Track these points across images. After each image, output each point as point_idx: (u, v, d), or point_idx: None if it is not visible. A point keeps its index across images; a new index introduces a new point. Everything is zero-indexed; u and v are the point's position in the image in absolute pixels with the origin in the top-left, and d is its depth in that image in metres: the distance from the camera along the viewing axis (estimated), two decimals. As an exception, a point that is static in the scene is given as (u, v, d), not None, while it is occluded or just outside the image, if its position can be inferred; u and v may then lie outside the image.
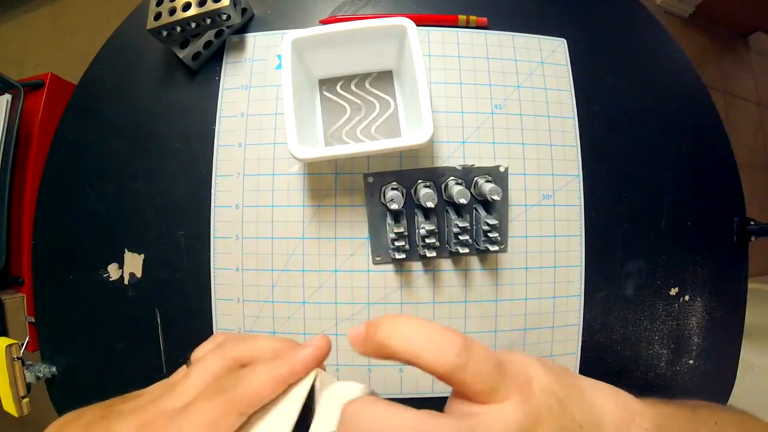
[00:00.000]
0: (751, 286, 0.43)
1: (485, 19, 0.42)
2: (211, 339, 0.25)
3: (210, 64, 0.42)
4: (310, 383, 0.20)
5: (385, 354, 0.18)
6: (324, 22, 0.42)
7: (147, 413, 0.19)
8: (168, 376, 0.23)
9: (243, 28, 0.43)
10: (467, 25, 0.42)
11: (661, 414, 0.20)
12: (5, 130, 0.69)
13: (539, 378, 0.19)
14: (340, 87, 0.40)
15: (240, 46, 0.42)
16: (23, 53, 1.32)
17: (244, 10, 0.42)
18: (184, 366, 0.23)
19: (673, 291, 0.41)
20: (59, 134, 0.44)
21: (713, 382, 0.42)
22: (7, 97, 0.71)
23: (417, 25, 0.34)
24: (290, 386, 0.20)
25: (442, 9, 0.43)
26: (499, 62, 0.42)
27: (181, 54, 0.40)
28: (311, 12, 0.43)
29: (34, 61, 1.30)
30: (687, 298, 0.42)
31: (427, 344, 0.17)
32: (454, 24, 0.42)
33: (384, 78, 0.40)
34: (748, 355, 0.80)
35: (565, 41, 0.43)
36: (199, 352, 0.24)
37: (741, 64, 1.45)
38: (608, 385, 0.21)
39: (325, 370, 0.22)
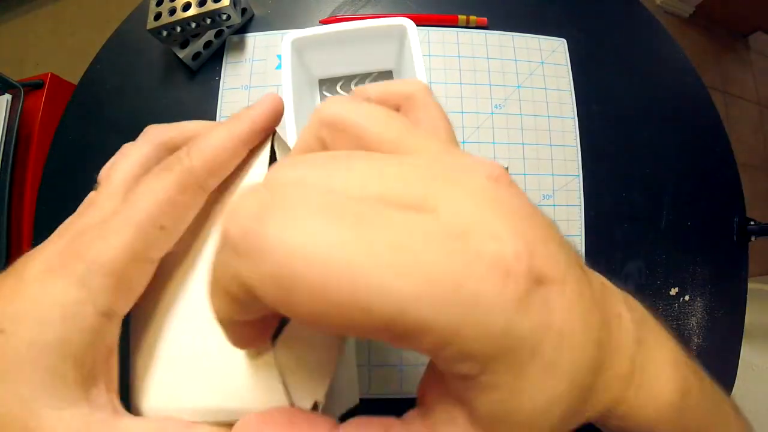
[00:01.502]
0: (751, 286, 0.43)
1: (485, 19, 0.42)
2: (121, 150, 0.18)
3: (210, 64, 0.42)
4: (269, 148, 0.17)
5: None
6: (324, 22, 0.42)
7: (68, 232, 0.14)
8: None
9: (243, 28, 0.43)
10: (467, 25, 0.42)
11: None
12: (5, 130, 0.69)
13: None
14: (340, 87, 0.40)
15: (240, 46, 0.42)
16: (23, 53, 1.32)
17: (244, 10, 0.42)
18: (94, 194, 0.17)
19: (673, 291, 0.41)
20: (59, 134, 0.44)
21: (713, 382, 0.42)
22: (7, 97, 0.71)
23: (417, 25, 0.34)
24: (249, 156, 0.16)
25: (442, 9, 0.43)
26: (499, 62, 0.42)
27: (181, 54, 0.40)
28: (311, 12, 0.43)
29: (34, 61, 1.30)
30: (687, 298, 0.42)
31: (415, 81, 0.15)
32: (454, 24, 0.42)
33: (384, 78, 0.40)
34: (748, 355, 0.80)
35: (565, 41, 0.43)
36: (123, 167, 0.17)
37: (741, 64, 1.45)
38: None
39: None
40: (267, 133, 0.16)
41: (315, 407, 0.13)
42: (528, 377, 0.09)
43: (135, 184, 0.15)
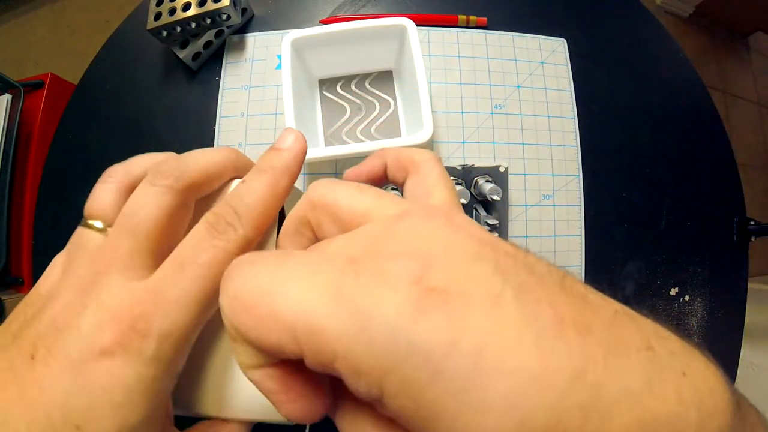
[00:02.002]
0: (751, 286, 0.43)
1: (485, 19, 0.42)
2: (108, 173, 0.17)
3: (210, 64, 0.42)
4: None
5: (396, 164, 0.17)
6: (324, 22, 0.42)
7: (94, 291, 0.13)
8: None
9: (243, 28, 0.43)
10: (467, 25, 0.42)
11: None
12: (5, 130, 0.69)
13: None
14: (340, 87, 0.40)
15: (240, 46, 0.42)
16: (23, 53, 1.32)
17: (244, 10, 0.42)
18: (82, 229, 0.16)
19: (673, 291, 0.41)
20: (59, 134, 0.44)
21: (713, 382, 0.42)
22: (7, 97, 0.71)
23: (417, 25, 0.34)
24: None
25: (442, 9, 0.43)
26: (499, 62, 0.42)
27: (181, 54, 0.40)
28: (311, 12, 0.43)
29: (34, 61, 1.30)
30: (687, 298, 0.42)
31: (413, 151, 0.17)
32: (454, 24, 0.42)
33: (384, 78, 0.40)
34: (748, 355, 0.80)
35: (565, 41, 0.43)
36: (102, 195, 0.16)
37: (741, 64, 1.45)
38: None
39: None
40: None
41: None
42: (433, 404, 0.08)
43: (167, 239, 0.14)
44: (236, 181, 0.18)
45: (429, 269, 0.09)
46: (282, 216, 0.17)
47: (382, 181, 0.19)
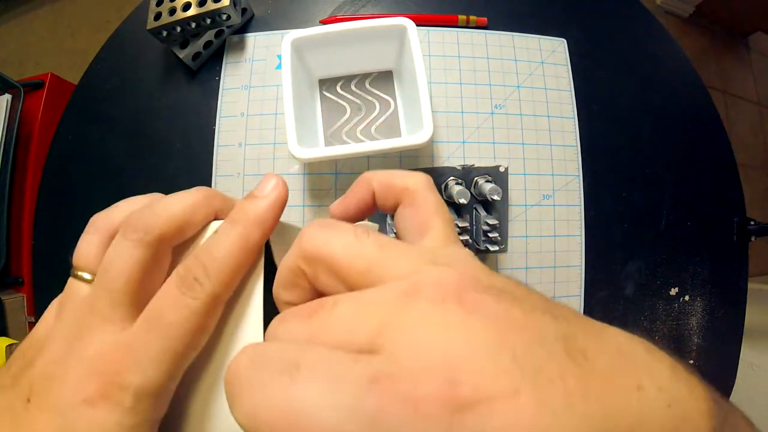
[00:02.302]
0: (751, 286, 0.43)
1: (485, 19, 0.42)
2: (92, 223, 0.17)
3: (210, 64, 0.42)
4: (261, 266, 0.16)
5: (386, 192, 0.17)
6: (324, 22, 0.42)
7: (80, 346, 0.14)
8: None
9: (243, 28, 0.43)
10: (467, 25, 0.42)
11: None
12: (5, 130, 0.69)
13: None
14: (340, 87, 0.40)
15: (240, 46, 0.42)
16: (23, 53, 1.32)
17: (244, 10, 0.42)
18: (72, 279, 0.16)
19: (673, 291, 0.41)
20: (59, 134, 0.44)
21: (713, 382, 0.42)
22: (7, 97, 0.71)
23: (417, 25, 0.34)
24: None
25: (442, 9, 0.43)
26: (499, 62, 0.42)
27: (181, 54, 0.40)
28: (311, 12, 0.43)
29: (34, 61, 1.30)
30: (687, 298, 0.42)
31: (406, 174, 0.16)
32: (454, 24, 0.42)
33: (384, 78, 0.40)
34: (748, 355, 0.80)
35: (565, 41, 0.43)
36: (86, 247, 0.16)
37: (741, 64, 1.45)
38: None
39: None
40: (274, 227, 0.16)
41: None
42: None
43: (141, 294, 0.15)
44: (215, 224, 0.17)
45: (456, 386, 0.09)
46: (268, 249, 0.16)
47: (372, 211, 0.18)
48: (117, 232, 0.15)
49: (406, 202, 0.16)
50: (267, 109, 0.40)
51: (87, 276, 0.16)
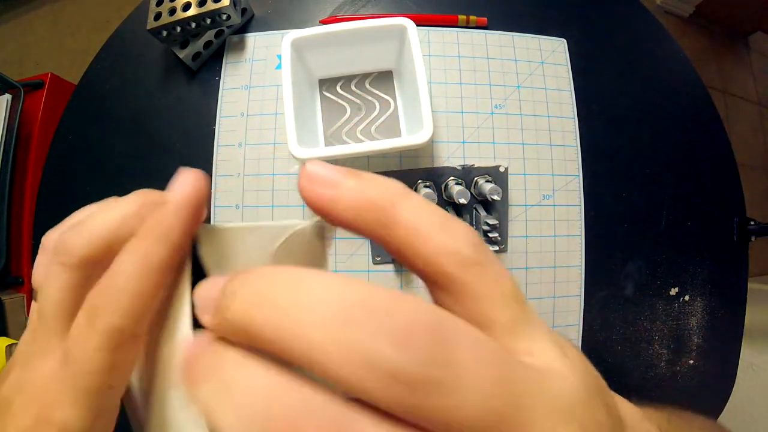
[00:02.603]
0: (751, 286, 0.43)
1: (485, 19, 0.42)
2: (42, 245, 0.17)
3: (210, 64, 0.42)
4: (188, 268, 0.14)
5: (381, 220, 0.10)
6: (324, 22, 0.42)
7: (25, 376, 0.14)
8: None
9: (243, 28, 0.43)
10: (467, 25, 0.42)
11: (658, 417, 0.19)
12: (5, 130, 0.69)
13: (571, 347, 0.12)
14: (340, 87, 0.40)
15: (240, 46, 0.42)
16: (23, 53, 1.32)
17: (244, 10, 0.42)
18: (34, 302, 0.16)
19: (673, 291, 0.41)
20: (59, 134, 0.44)
21: (713, 382, 0.42)
22: (7, 97, 0.71)
23: (417, 25, 0.34)
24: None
25: (442, 9, 0.43)
26: (499, 62, 0.42)
27: (181, 54, 0.40)
28: (311, 12, 0.43)
29: (34, 61, 1.30)
30: (687, 298, 0.42)
31: (439, 225, 0.10)
32: (454, 24, 0.42)
33: (384, 78, 0.40)
34: (748, 355, 0.80)
35: (565, 41, 0.43)
36: (36, 267, 0.16)
37: (741, 64, 1.45)
38: None
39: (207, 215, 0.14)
40: (189, 240, 0.13)
41: None
42: None
43: (67, 319, 0.14)
44: None
45: None
46: (195, 255, 0.13)
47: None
48: None
49: (441, 287, 0.11)
50: (267, 109, 0.40)
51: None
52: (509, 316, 0.11)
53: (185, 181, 0.13)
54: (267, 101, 0.41)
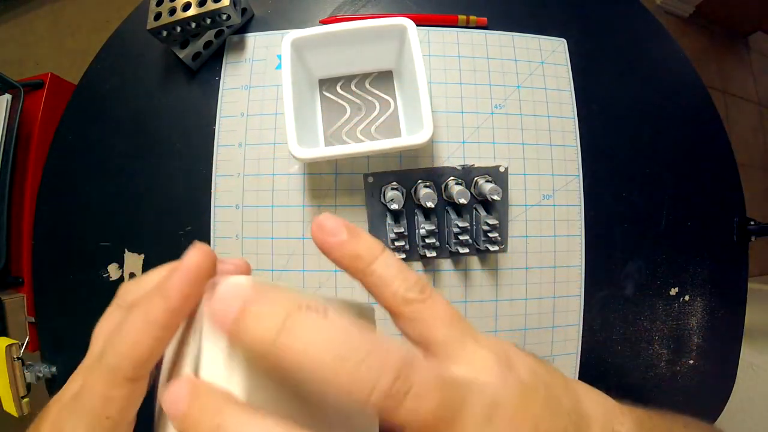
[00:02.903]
0: (751, 286, 0.43)
1: (485, 19, 0.42)
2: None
3: (210, 64, 0.42)
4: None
5: (362, 269, 0.16)
6: (324, 22, 0.42)
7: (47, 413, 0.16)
8: None
9: (243, 28, 0.43)
10: (467, 25, 0.42)
11: (639, 413, 0.19)
12: (5, 130, 0.69)
13: (518, 354, 0.16)
14: (340, 87, 0.40)
15: (240, 46, 0.42)
16: (23, 53, 1.32)
17: (244, 10, 0.42)
18: None
19: (673, 291, 0.41)
20: (59, 134, 0.44)
21: (713, 382, 0.42)
22: (7, 97, 0.71)
23: (417, 25, 0.34)
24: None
25: (442, 9, 0.43)
26: (499, 62, 0.42)
27: (181, 54, 0.40)
28: (311, 12, 0.43)
29: (34, 61, 1.30)
30: (687, 298, 0.42)
31: (398, 277, 0.15)
32: (454, 24, 0.42)
33: (384, 78, 0.40)
34: (748, 355, 0.80)
35: (565, 41, 0.43)
36: (105, 323, 0.19)
37: (741, 64, 1.45)
38: (582, 382, 0.19)
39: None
40: (194, 303, 0.15)
41: None
42: None
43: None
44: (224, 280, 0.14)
45: None
46: None
47: None
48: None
49: (397, 317, 0.16)
50: (267, 109, 0.40)
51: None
52: (445, 336, 0.15)
53: (190, 255, 0.15)
54: (267, 101, 0.41)
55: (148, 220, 0.40)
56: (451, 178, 0.38)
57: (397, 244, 0.36)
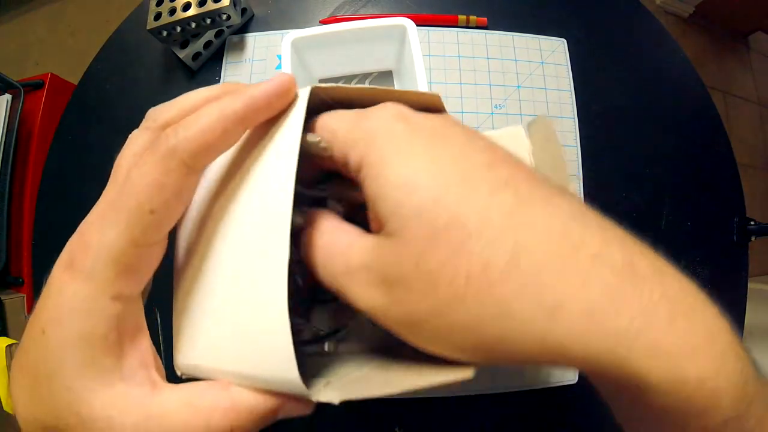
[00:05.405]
0: (751, 286, 0.43)
1: (485, 19, 0.42)
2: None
3: (210, 64, 0.42)
4: (305, 103, 0.15)
5: None
6: (324, 22, 0.42)
7: (83, 223, 0.15)
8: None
9: (243, 28, 0.43)
10: (467, 25, 0.42)
11: None
12: (5, 130, 0.69)
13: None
14: (340, 87, 0.40)
15: (240, 46, 0.42)
16: (23, 53, 1.32)
17: (244, 10, 0.42)
18: None
19: (673, 291, 0.41)
20: (59, 134, 0.44)
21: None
22: (7, 97, 0.71)
23: (417, 25, 0.34)
24: (270, 126, 0.15)
25: (442, 9, 0.43)
26: (499, 62, 0.42)
27: (181, 54, 0.40)
28: (311, 12, 0.43)
29: (34, 61, 1.30)
30: (687, 298, 0.42)
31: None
32: (454, 24, 0.42)
33: (384, 78, 0.40)
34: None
35: (565, 41, 0.43)
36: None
37: (741, 64, 1.45)
38: None
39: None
40: (271, 113, 0.15)
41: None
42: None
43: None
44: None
45: None
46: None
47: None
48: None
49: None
50: (267, 109, 0.40)
51: None
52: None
53: (279, 77, 0.15)
54: (267, 101, 0.41)
55: (148, 220, 0.40)
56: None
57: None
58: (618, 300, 0.11)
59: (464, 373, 0.13)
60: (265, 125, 0.15)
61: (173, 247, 0.17)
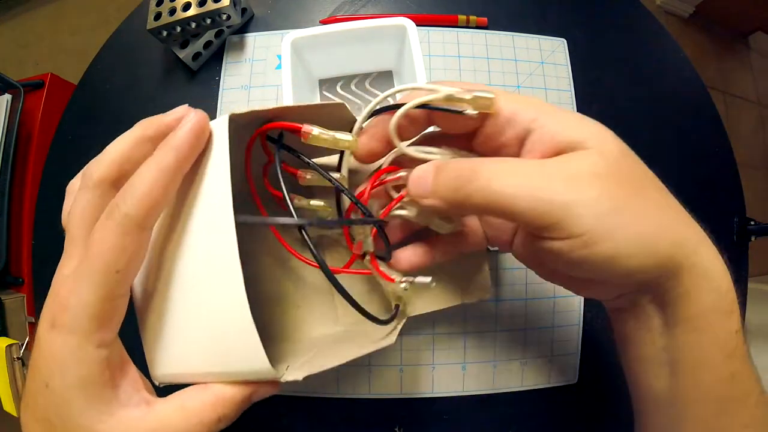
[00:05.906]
0: (751, 286, 0.43)
1: (485, 19, 0.42)
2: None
3: (210, 64, 0.42)
4: (226, 133, 0.17)
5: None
6: (324, 22, 0.42)
7: (55, 284, 0.17)
8: None
9: (243, 28, 0.43)
10: (467, 25, 0.42)
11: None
12: (5, 130, 0.69)
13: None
14: (340, 87, 0.40)
15: (240, 46, 0.42)
16: (23, 53, 1.32)
17: (244, 10, 0.42)
18: None
19: (673, 291, 0.41)
20: (59, 134, 0.44)
21: (713, 382, 0.42)
22: (7, 97, 0.71)
23: (417, 25, 0.34)
24: (199, 160, 0.17)
25: (442, 9, 0.43)
26: (499, 62, 0.42)
27: (181, 54, 0.40)
28: (311, 12, 0.43)
29: (34, 61, 1.30)
30: (687, 298, 0.42)
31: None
32: (454, 24, 0.42)
33: (384, 78, 0.40)
34: (748, 355, 0.80)
35: (565, 41, 0.43)
36: (65, 210, 0.20)
37: (741, 64, 1.45)
38: None
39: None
40: (197, 153, 0.17)
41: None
42: None
43: (89, 229, 0.16)
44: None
45: None
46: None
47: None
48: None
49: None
50: (267, 109, 0.40)
51: None
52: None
53: (189, 122, 0.17)
54: (267, 101, 0.41)
55: (148, 220, 0.40)
56: (451, 178, 0.38)
57: (397, 244, 0.36)
58: (691, 227, 0.20)
59: (388, 341, 0.19)
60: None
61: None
